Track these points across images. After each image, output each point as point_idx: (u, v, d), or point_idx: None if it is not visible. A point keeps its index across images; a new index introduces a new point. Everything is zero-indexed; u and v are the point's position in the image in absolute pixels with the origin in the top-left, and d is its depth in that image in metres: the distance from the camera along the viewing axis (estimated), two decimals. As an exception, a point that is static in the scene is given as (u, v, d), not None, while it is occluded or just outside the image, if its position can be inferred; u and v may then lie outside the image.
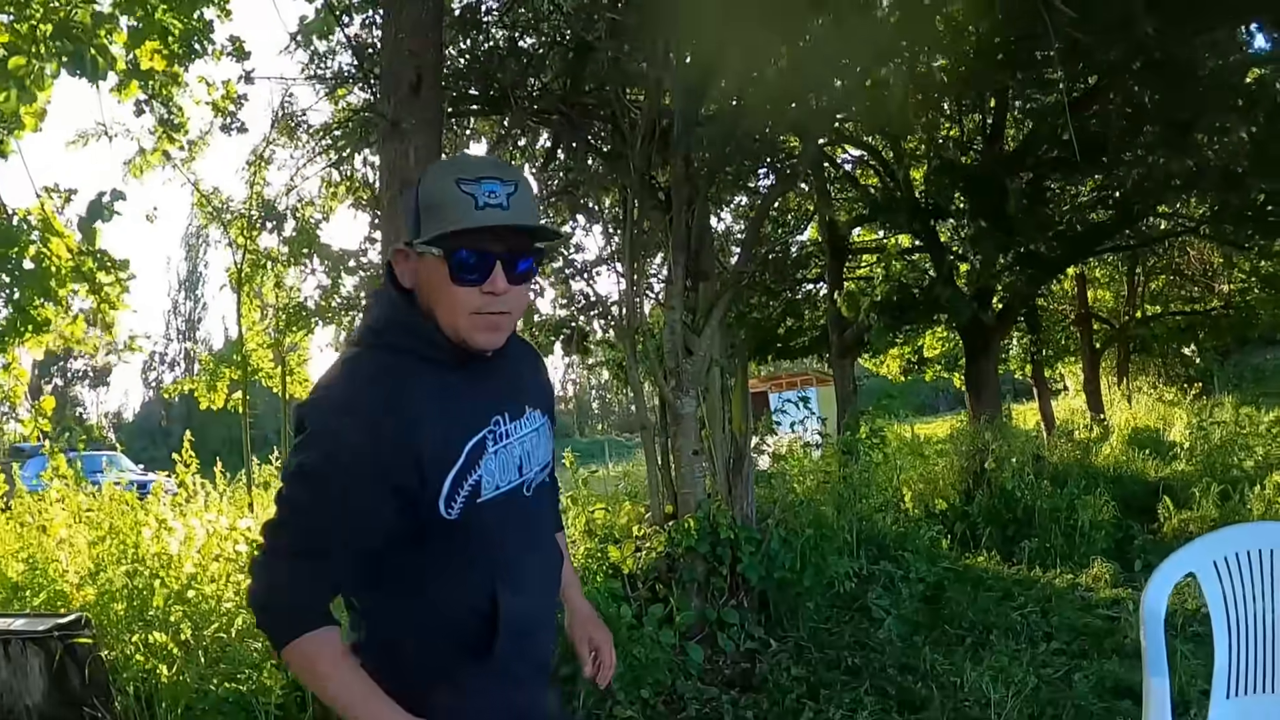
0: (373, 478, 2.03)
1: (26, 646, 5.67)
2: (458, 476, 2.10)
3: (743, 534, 7.03)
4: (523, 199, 2.11)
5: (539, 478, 2.37)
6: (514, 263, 2.12)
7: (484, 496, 2.16)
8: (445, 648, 2.22)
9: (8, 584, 7.45)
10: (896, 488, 10.95)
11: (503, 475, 2.21)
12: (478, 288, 2.08)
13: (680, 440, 7.45)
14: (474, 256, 2.07)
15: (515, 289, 2.13)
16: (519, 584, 2.25)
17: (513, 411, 2.27)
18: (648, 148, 7.76)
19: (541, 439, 2.38)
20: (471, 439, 2.14)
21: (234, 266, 11.44)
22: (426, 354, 2.14)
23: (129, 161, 10.62)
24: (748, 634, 7.05)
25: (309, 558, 2.06)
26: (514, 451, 2.25)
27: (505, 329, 2.18)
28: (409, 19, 6.25)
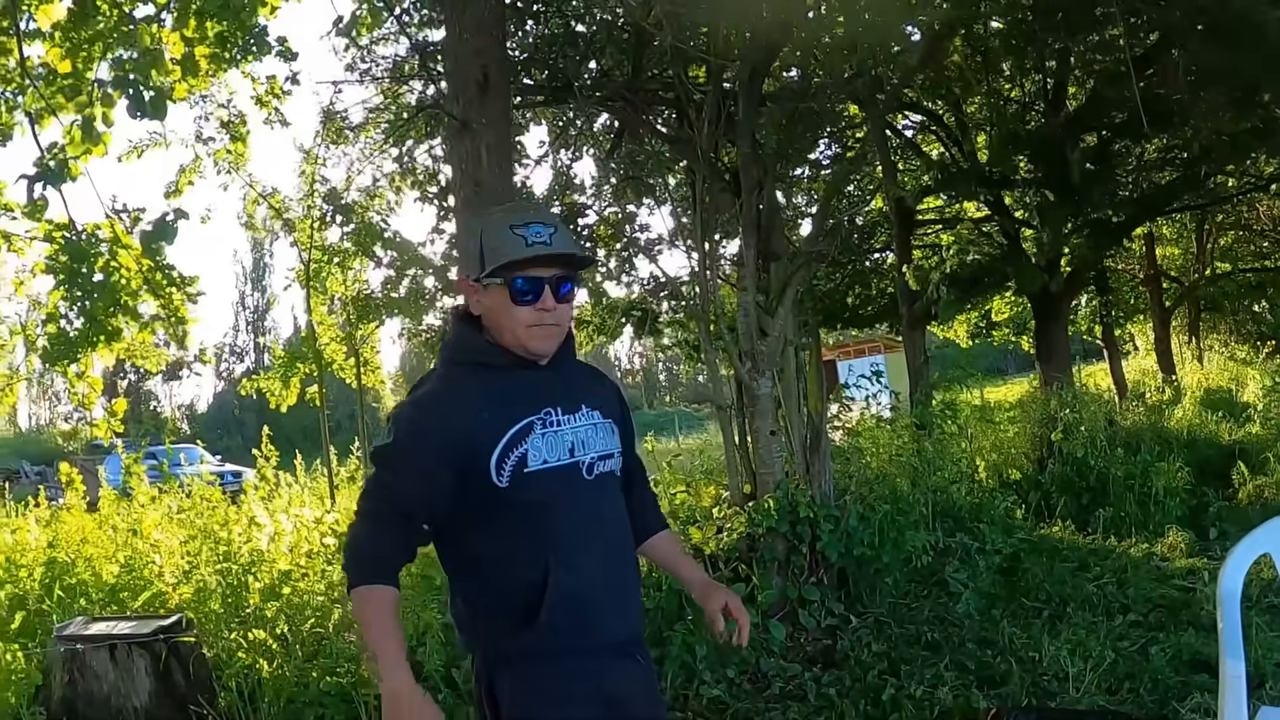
0: (432, 454, 2.58)
1: (132, 650, 5.84)
2: (505, 448, 2.58)
3: (821, 512, 7.07)
4: (562, 236, 2.71)
5: (602, 465, 2.77)
6: (558, 286, 2.69)
7: (531, 467, 2.60)
8: (505, 619, 2.64)
9: (104, 586, 7.62)
10: (970, 458, 10.93)
11: (551, 452, 2.65)
12: (532, 306, 2.65)
13: (758, 421, 7.52)
14: (528, 282, 2.64)
15: (562, 306, 2.70)
16: (572, 560, 2.63)
17: (566, 406, 2.72)
18: (714, 130, 7.80)
19: (599, 432, 2.79)
20: (520, 421, 2.62)
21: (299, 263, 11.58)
22: (486, 363, 2.72)
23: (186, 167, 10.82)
24: (828, 610, 7.10)
25: (379, 519, 2.62)
26: (565, 437, 2.69)
27: (556, 338, 2.73)
28: (472, 17, 6.29)
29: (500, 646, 2.67)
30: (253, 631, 5.95)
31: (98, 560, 7.96)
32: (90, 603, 7.49)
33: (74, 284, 6.90)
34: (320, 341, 11.46)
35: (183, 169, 10.62)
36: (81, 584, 7.73)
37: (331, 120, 11.51)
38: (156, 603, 7.27)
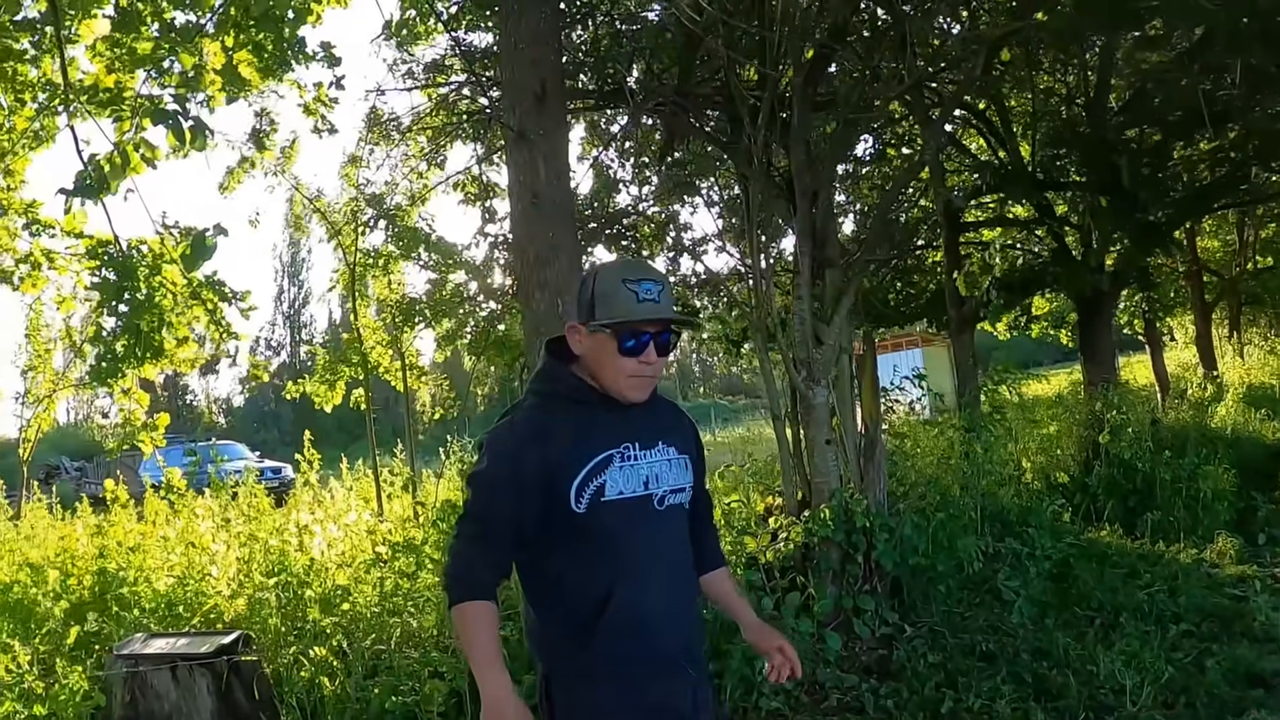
0: (522, 480, 2.79)
1: (194, 670, 5.84)
2: (585, 479, 2.80)
3: (877, 521, 7.06)
4: (668, 295, 2.92)
5: (673, 499, 2.97)
6: (660, 341, 2.89)
7: (608, 497, 2.81)
8: (569, 635, 2.87)
9: (158, 598, 7.63)
10: (1017, 461, 10.87)
11: (627, 484, 2.86)
12: (637, 359, 2.85)
13: (813, 429, 7.49)
14: (635, 337, 2.84)
15: (660, 359, 2.91)
16: (638, 581, 2.86)
17: (644, 442, 2.94)
18: (767, 135, 7.77)
19: (673, 468, 2.99)
20: (601, 454, 2.83)
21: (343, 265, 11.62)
22: (573, 397, 2.93)
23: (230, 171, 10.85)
24: (882, 619, 7.09)
25: (474, 540, 2.85)
26: (641, 470, 2.90)
27: (650, 386, 2.95)
28: (528, 28, 6.27)
29: (563, 660, 2.91)
30: (314, 649, 5.95)
31: (150, 570, 7.97)
32: (143, 613, 7.51)
33: (118, 301, 6.90)
34: (365, 344, 11.49)
35: (230, 171, 10.66)
36: (134, 595, 7.74)
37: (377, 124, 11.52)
38: (212, 615, 7.29)
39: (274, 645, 6.58)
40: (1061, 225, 16.29)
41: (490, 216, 11.48)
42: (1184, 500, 10.07)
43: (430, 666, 5.68)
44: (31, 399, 13.92)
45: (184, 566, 7.91)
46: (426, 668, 5.68)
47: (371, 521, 7.97)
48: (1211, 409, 16.33)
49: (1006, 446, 10.84)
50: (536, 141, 6.06)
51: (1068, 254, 15.95)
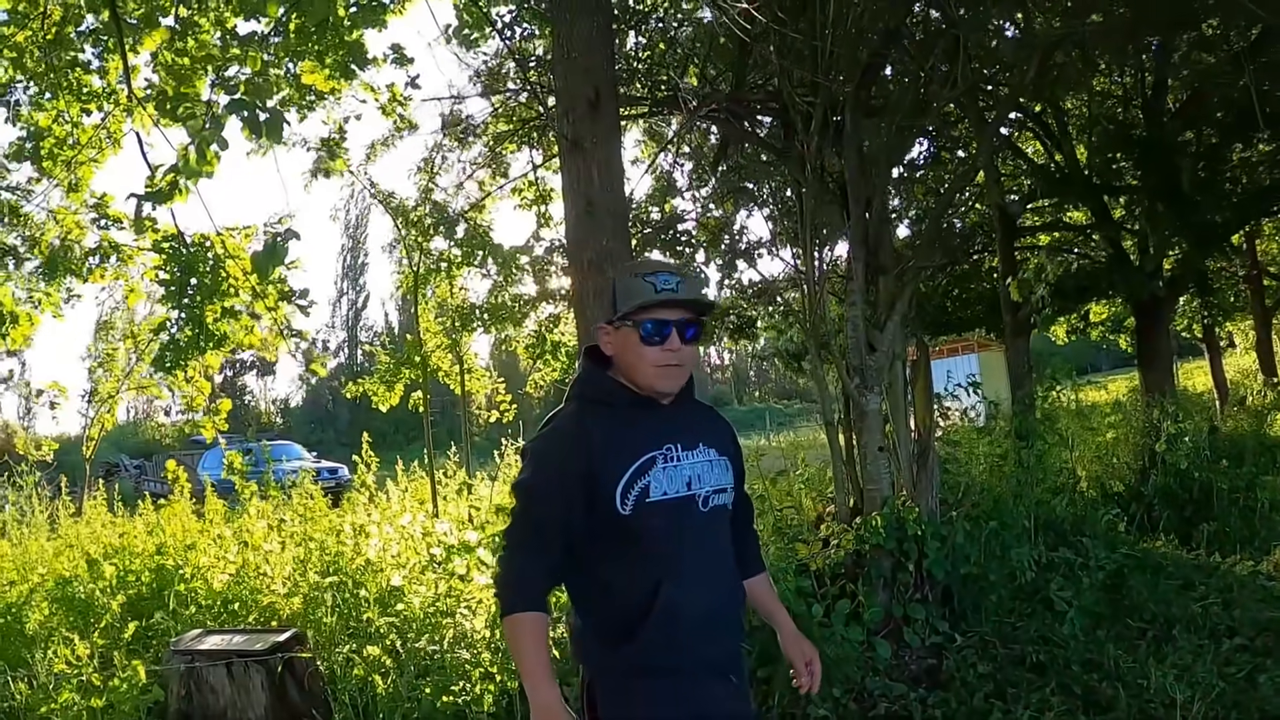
0: (566, 486, 2.83)
1: (249, 666, 5.94)
2: (629, 480, 2.83)
3: (929, 529, 7.03)
4: (690, 285, 2.97)
5: (716, 499, 3.01)
6: (685, 329, 2.94)
7: (652, 498, 2.85)
8: (612, 637, 2.89)
9: (215, 595, 7.74)
10: (1071, 469, 10.78)
11: (670, 485, 2.89)
12: (660, 347, 2.90)
13: (865, 436, 7.49)
14: (656, 324, 2.90)
15: (687, 348, 2.95)
16: (683, 580, 2.88)
17: (685, 443, 2.97)
18: (820, 141, 7.77)
19: (715, 469, 3.03)
20: (644, 456, 2.88)
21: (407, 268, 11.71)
22: (612, 401, 2.98)
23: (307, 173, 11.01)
24: (932, 628, 7.05)
25: (522, 548, 2.89)
26: (684, 471, 2.93)
27: (681, 377, 2.98)
28: (581, 36, 6.28)
29: (605, 661, 2.94)
30: (367, 648, 6.02)
31: (207, 568, 8.08)
32: (199, 610, 7.62)
33: (182, 293, 7.03)
34: (426, 347, 11.59)
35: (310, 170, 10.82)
36: (191, 591, 7.86)
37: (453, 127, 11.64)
38: (267, 613, 7.39)
39: (328, 643, 6.68)
40: (1118, 230, 16.15)
41: (545, 221, 11.56)
42: (1241, 510, 9.94)
43: (481, 668, 5.72)
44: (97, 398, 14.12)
45: (239, 565, 8.01)
46: (478, 669, 5.73)
47: (426, 523, 8.03)
48: (1271, 417, 16.12)
49: (1061, 454, 10.76)
50: (590, 149, 6.08)
51: (1124, 259, 15.81)
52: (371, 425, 11.50)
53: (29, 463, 10.81)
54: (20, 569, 8.39)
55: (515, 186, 11.75)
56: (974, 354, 26.09)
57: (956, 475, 8.99)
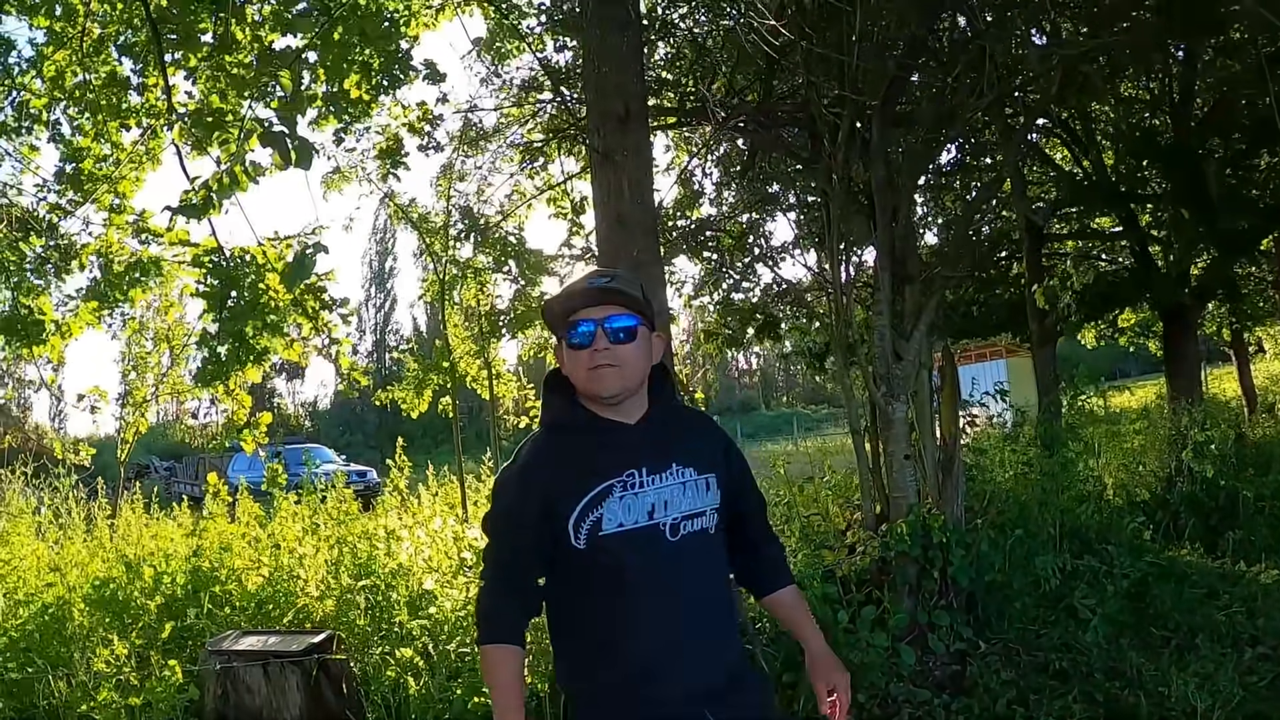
0: (527, 518, 2.71)
1: (285, 667, 6.04)
2: (582, 512, 2.66)
3: (954, 537, 7.09)
4: (617, 282, 2.79)
5: (690, 526, 2.78)
6: (609, 324, 2.73)
7: (606, 530, 2.66)
8: (581, 670, 2.83)
9: (250, 597, 7.85)
10: (1097, 476, 10.80)
11: (628, 515, 2.69)
12: (588, 349, 2.72)
13: (891, 445, 7.55)
14: (578, 327, 2.74)
15: (619, 347, 2.74)
16: (641, 623, 2.72)
17: (652, 466, 2.76)
18: (847, 152, 7.83)
19: (689, 491, 2.80)
20: (599, 485, 2.68)
21: (433, 275, 11.83)
22: (571, 425, 2.83)
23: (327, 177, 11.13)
24: (957, 635, 7.11)
25: (493, 582, 2.78)
26: (646, 499, 2.72)
27: (619, 379, 2.74)
28: (611, 50, 6.35)
29: (576, 688, 2.86)
30: (400, 650, 6.12)
31: (242, 571, 8.20)
32: (234, 611, 7.74)
33: (223, 307, 7.13)
34: (454, 354, 11.68)
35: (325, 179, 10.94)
36: (225, 593, 7.98)
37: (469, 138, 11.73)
38: (301, 615, 7.50)
39: (361, 645, 6.78)
40: (1144, 237, 16.14)
41: (577, 230, 11.66)
42: (1267, 519, 9.91)
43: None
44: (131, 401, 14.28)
45: (273, 567, 8.13)
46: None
47: (457, 527, 8.13)
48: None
49: (1087, 462, 10.77)
50: (621, 162, 6.15)
51: (1151, 266, 15.80)
52: (400, 429, 11.61)
53: (64, 465, 10.95)
54: (58, 570, 8.51)
55: (549, 195, 11.84)
56: (1001, 359, 26.03)
57: (982, 483, 9.04)
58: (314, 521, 8.71)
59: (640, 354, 2.80)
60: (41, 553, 8.94)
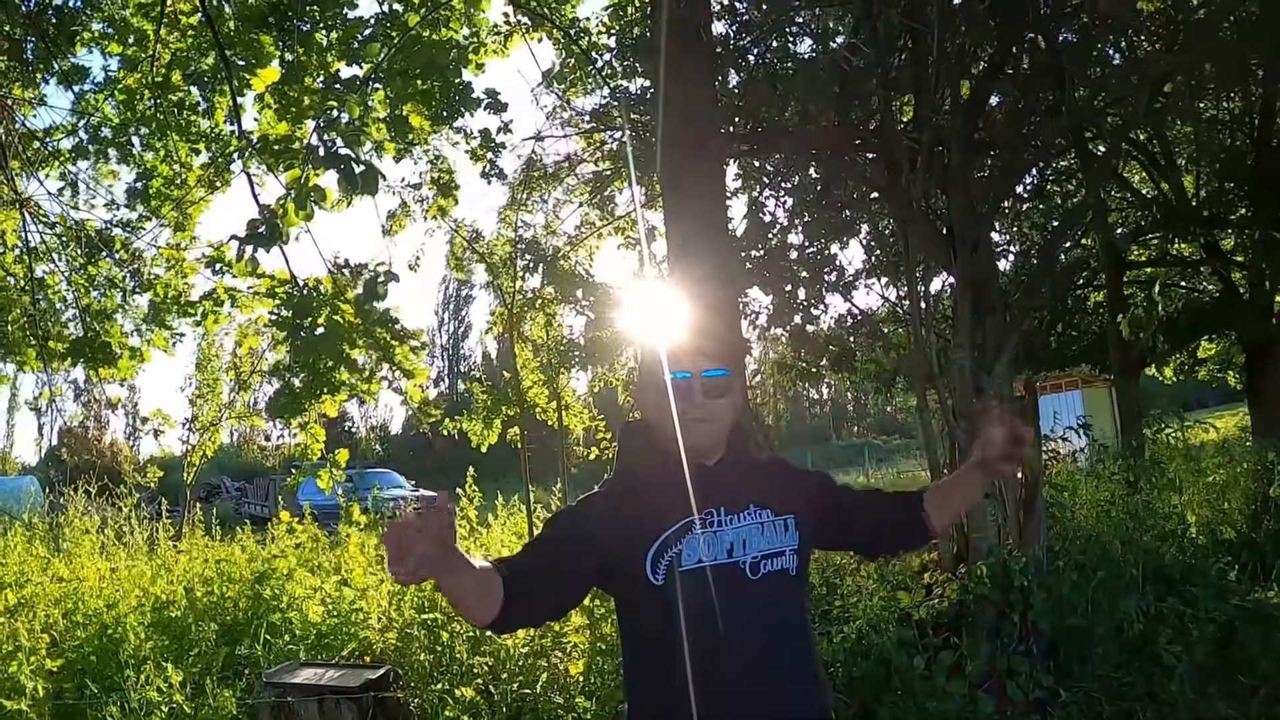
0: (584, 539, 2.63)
1: (341, 702, 5.94)
2: (661, 547, 2.60)
3: (1035, 580, 6.87)
4: (708, 348, 2.79)
5: (771, 565, 2.72)
6: (705, 382, 2.73)
7: (684, 566, 2.60)
8: (650, 706, 2.73)
9: (311, 629, 7.78)
10: (1180, 514, 10.48)
11: (707, 553, 2.64)
12: (685, 402, 2.71)
13: (972, 483, 7.34)
14: (677, 378, 2.73)
15: (712, 402, 2.74)
16: (718, 661, 2.60)
17: (730, 506, 2.72)
18: (926, 178, 7.65)
19: (768, 531, 2.75)
20: (679, 521, 2.64)
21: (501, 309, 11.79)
22: (650, 465, 2.79)
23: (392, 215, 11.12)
24: (1036, 682, 6.86)
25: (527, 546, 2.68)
26: (725, 537, 2.68)
27: (708, 435, 2.76)
28: (683, 77, 6.24)
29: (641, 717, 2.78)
30: (460, 688, 5.99)
31: (304, 600, 8.13)
32: (293, 640, 7.67)
33: (296, 338, 7.07)
34: (523, 384, 11.62)
35: (392, 215, 10.92)
36: (286, 622, 7.91)
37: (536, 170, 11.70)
38: (362, 647, 7.40)
39: (421, 682, 6.65)
40: (1228, 264, 15.75)
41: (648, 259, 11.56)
42: (1360, 559, 9.59)
43: (575, 713, 5.67)
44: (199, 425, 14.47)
45: (335, 598, 8.06)
46: (570, 714, 5.67)
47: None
48: (1394, 458, 15.57)
49: (1170, 499, 10.49)
50: (693, 189, 6.03)
51: (1236, 294, 15.40)
52: (470, 456, 11.50)
53: (129, 484, 11.01)
54: (118, 591, 8.50)
55: (618, 225, 11.76)
56: (1078, 391, 25.56)
57: (1063, 521, 8.78)
58: (380, 552, 8.62)
59: (731, 407, 2.82)
60: (104, 572, 8.95)
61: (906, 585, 7.44)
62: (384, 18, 8.23)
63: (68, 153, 9.51)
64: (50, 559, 9.97)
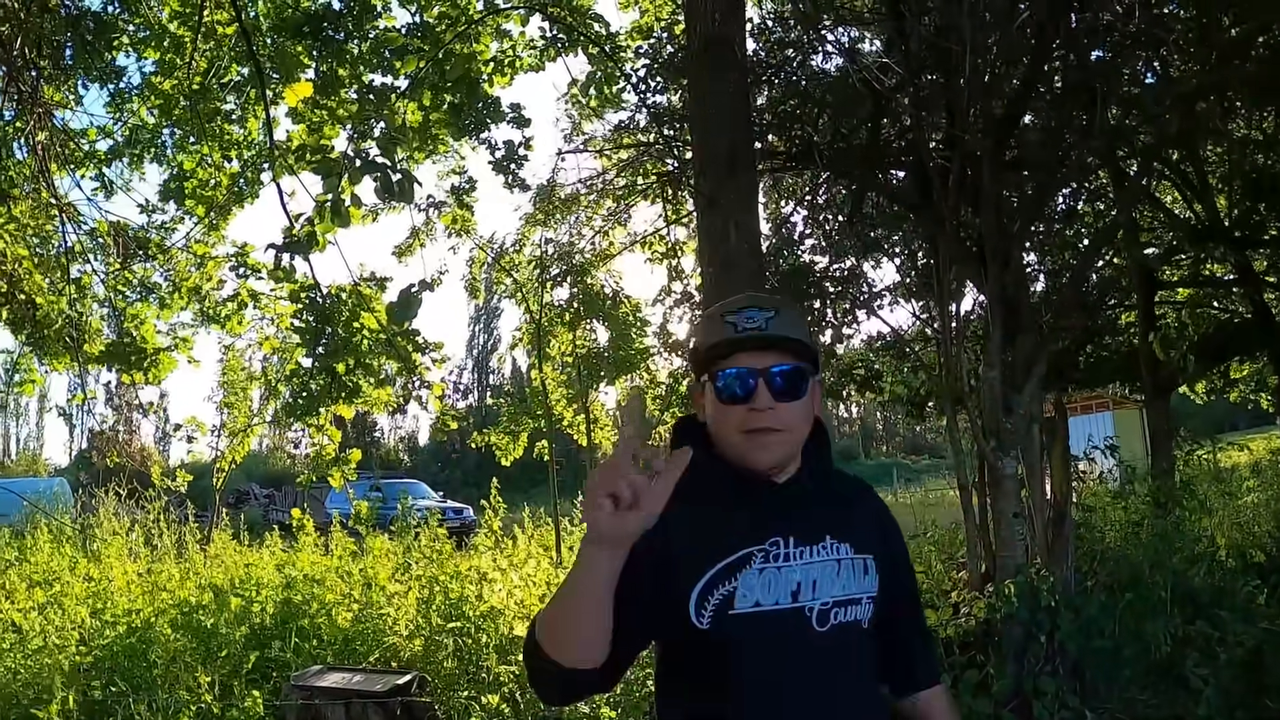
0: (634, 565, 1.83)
1: (368, 707, 5.98)
2: (710, 583, 2.07)
3: (1063, 600, 6.85)
4: (783, 321, 2.18)
5: (843, 615, 2.17)
6: (773, 379, 2.12)
7: (737, 609, 2.07)
8: None
9: (339, 634, 7.83)
10: (1210, 537, 10.44)
11: (767, 593, 2.09)
12: (744, 405, 2.12)
13: (1000, 502, 7.34)
14: (735, 375, 2.13)
15: (783, 405, 2.13)
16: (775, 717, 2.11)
17: (801, 536, 2.16)
18: (958, 196, 7.65)
19: (845, 572, 2.19)
20: (734, 552, 2.10)
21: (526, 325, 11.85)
22: (704, 481, 2.02)
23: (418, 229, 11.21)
24: (1062, 703, 6.84)
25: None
26: (792, 575, 2.12)
27: (779, 446, 2.16)
28: (717, 94, 6.25)
29: None
30: (486, 695, 6.02)
31: (332, 605, 8.18)
32: (321, 645, 7.72)
33: (317, 343, 7.14)
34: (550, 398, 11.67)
35: (415, 230, 11.02)
36: (314, 627, 7.96)
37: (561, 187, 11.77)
38: (389, 653, 7.45)
39: (447, 689, 6.69)
40: (1260, 285, 15.67)
41: (676, 275, 11.56)
42: (1390, 581, 9.52)
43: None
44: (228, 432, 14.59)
45: (362, 604, 8.11)
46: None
47: (550, 571, 8.05)
48: None
49: (1200, 521, 10.45)
50: (727, 207, 6.04)
51: (1268, 316, 15.32)
52: (497, 467, 11.57)
53: (157, 489, 11.11)
54: (147, 594, 8.58)
55: (644, 240, 11.80)
56: (1108, 412, 25.48)
57: (1091, 542, 8.75)
58: (406, 560, 8.69)
59: (808, 412, 2.22)
60: (131, 574, 9.03)
61: (934, 603, 7.43)
62: (415, 28, 8.32)
63: (104, 154, 9.64)
64: (78, 559, 10.09)
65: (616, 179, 11.77)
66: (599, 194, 12.00)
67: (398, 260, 11.38)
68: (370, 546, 9.09)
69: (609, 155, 11.74)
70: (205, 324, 9.41)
